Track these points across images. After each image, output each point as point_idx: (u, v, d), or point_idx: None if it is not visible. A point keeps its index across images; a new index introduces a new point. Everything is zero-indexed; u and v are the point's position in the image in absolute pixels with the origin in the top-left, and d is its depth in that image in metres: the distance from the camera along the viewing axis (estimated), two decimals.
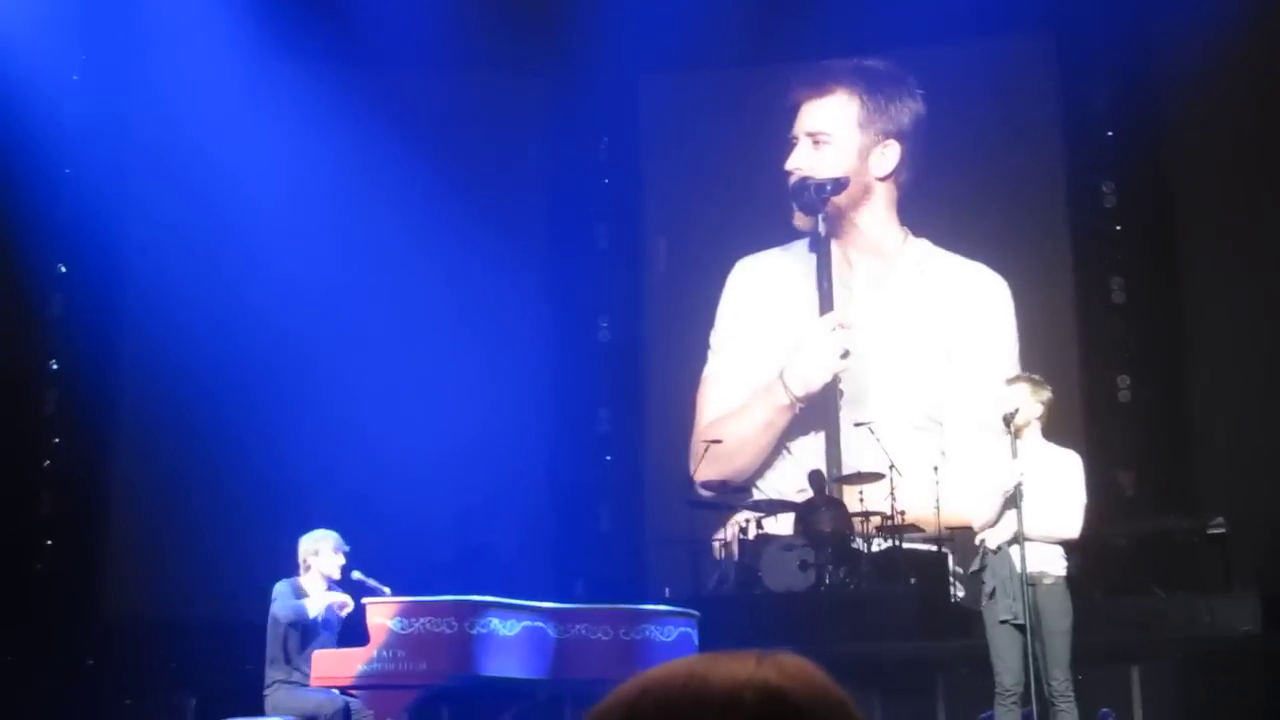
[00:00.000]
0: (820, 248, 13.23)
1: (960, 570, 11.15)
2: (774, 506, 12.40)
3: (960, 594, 11.47)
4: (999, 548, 8.79)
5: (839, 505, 12.18)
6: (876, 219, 13.40)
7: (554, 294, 13.77)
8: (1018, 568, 8.72)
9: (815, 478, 12.29)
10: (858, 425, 12.61)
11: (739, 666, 1.40)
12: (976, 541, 8.90)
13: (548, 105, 13.73)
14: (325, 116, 12.44)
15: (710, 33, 13.00)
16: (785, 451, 13.38)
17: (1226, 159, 12.17)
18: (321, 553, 9.35)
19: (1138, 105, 12.48)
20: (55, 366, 12.36)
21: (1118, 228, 12.61)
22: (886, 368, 13.11)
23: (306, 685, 9.04)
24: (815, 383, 13.31)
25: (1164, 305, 12.50)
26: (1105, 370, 12.47)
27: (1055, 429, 9.41)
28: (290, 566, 9.76)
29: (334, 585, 9.40)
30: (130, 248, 12.21)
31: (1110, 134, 12.63)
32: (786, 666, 1.41)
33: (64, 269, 12.33)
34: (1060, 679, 8.61)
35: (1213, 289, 12.26)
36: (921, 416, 13.01)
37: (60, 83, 11.97)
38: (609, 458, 13.59)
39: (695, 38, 12.97)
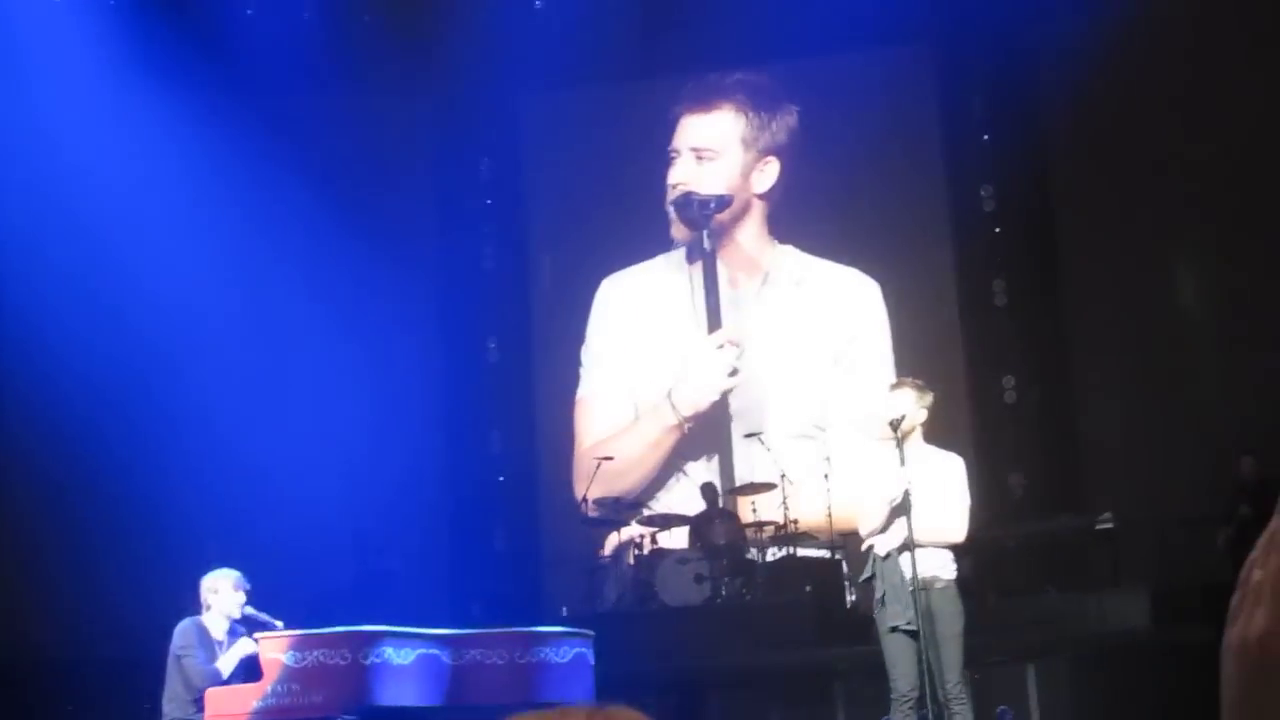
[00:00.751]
0: (706, 264, 13.26)
1: (853, 577, 11.20)
2: (668, 520, 12.40)
3: (853, 598, 11.53)
4: (888, 554, 8.86)
5: (732, 516, 12.20)
6: (752, 234, 13.48)
7: (441, 315, 13.71)
8: (907, 574, 8.78)
9: (707, 490, 12.31)
10: (748, 436, 12.66)
11: None
12: (864, 548, 8.96)
13: (429, 125, 13.68)
14: (204, 137, 12.32)
15: (590, 49, 13.01)
16: (678, 469, 13.39)
17: (1102, 159, 12.35)
18: (221, 591, 9.28)
19: (1014, 109, 12.63)
20: None
21: (997, 230, 12.75)
22: (772, 380, 13.16)
23: None
24: (704, 402, 13.34)
25: (1046, 306, 12.65)
26: (990, 372, 12.59)
27: (942, 432, 9.49)
28: (185, 599, 9.68)
29: (234, 623, 9.33)
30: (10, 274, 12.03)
31: (987, 138, 12.77)
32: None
33: None
34: (954, 682, 8.68)
35: (1093, 288, 12.43)
36: (808, 425, 13.08)
37: None
38: (501, 478, 13.55)
39: (575, 54, 12.98)
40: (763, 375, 13.18)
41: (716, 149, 13.42)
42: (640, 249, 13.78)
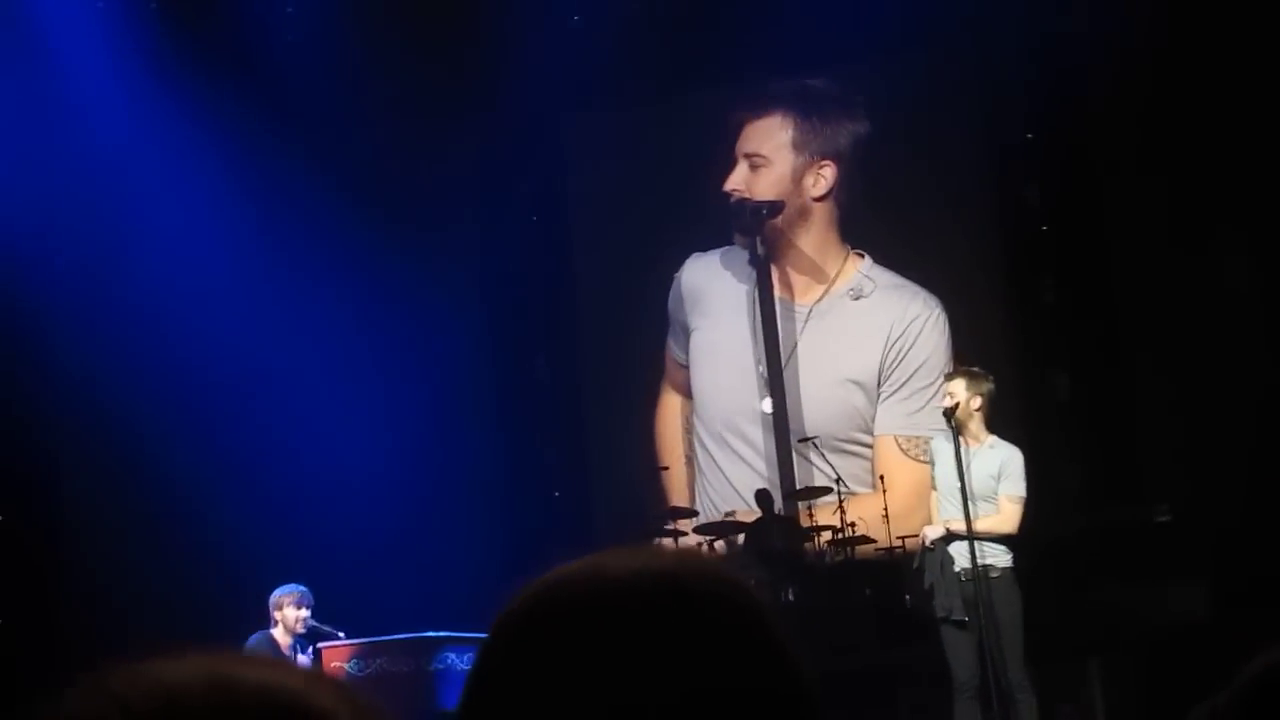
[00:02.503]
0: (759, 269, 13.25)
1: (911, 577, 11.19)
2: (724, 528, 12.41)
3: (909, 597, 11.52)
4: (934, 544, 8.88)
5: (790, 522, 12.21)
6: (815, 240, 13.44)
7: (490, 332, 13.76)
8: (955, 564, 8.80)
9: (763, 496, 12.31)
10: (802, 441, 12.65)
11: (638, 556, 1.43)
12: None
13: (472, 142, 13.70)
14: (244, 150, 12.41)
15: (632, 63, 13.07)
16: (720, 473, 13.36)
17: (1150, 152, 12.31)
18: (285, 608, 9.49)
19: (1059, 106, 12.61)
20: None
21: (1044, 227, 12.73)
22: (818, 394, 13.10)
23: None
24: (740, 419, 13.31)
25: (1096, 300, 12.61)
26: (1042, 368, 12.56)
27: (996, 430, 9.50)
28: (254, 613, 9.80)
29: (297, 638, 9.48)
30: (49, 297, 12.14)
31: (1031, 136, 12.76)
32: (686, 555, 1.44)
33: None
34: (1016, 672, 8.69)
35: (1144, 281, 12.39)
36: (857, 437, 13.04)
37: None
38: (557, 494, 13.59)
39: (619, 68, 13.03)
40: (809, 388, 13.12)
41: (767, 154, 13.44)
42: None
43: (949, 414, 8.92)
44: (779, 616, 1.46)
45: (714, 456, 13.38)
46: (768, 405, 13.01)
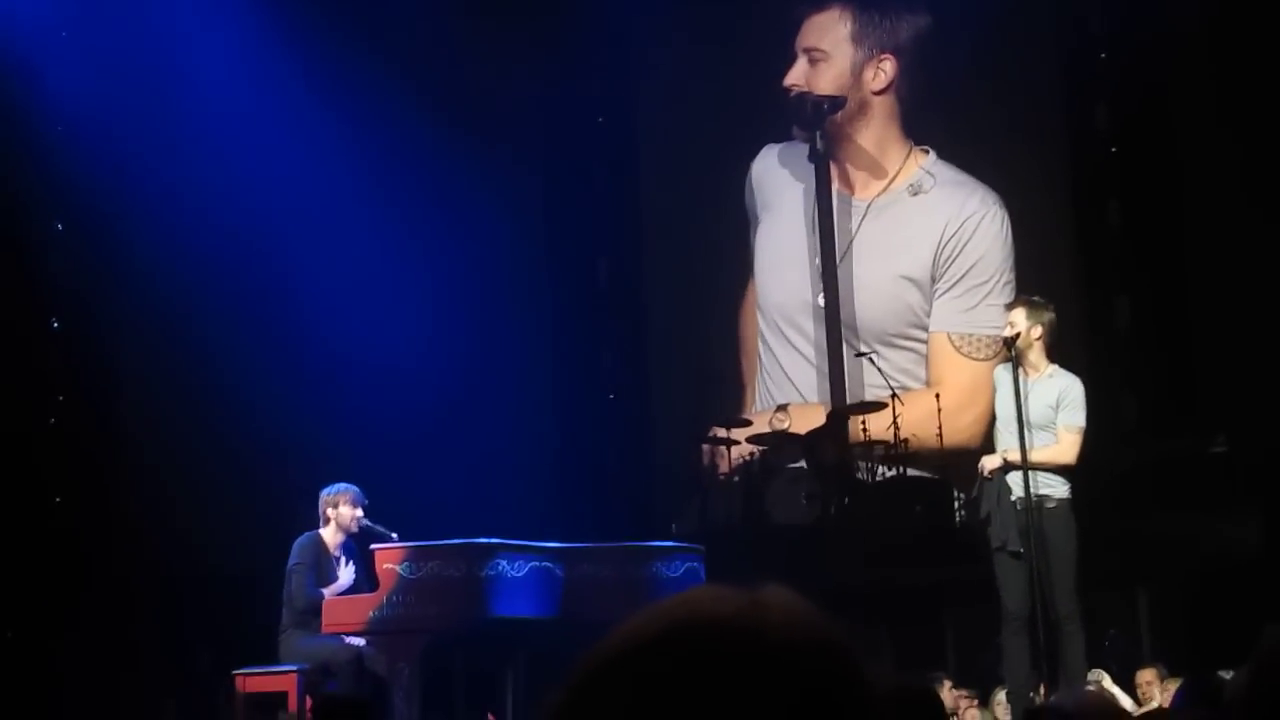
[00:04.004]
0: (818, 165, 13.15)
1: (962, 496, 11.20)
2: (778, 439, 12.41)
3: (961, 515, 11.53)
4: (992, 474, 8.85)
5: (842, 436, 12.20)
6: (876, 135, 13.33)
7: (551, 235, 13.75)
8: (1011, 494, 8.77)
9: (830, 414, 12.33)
10: (859, 355, 12.62)
11: (728, 605, 1.41)
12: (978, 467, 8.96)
13: (539, 48, 13.63)
14: (318, 56, 12.41)
15: None
16: (778, 365, 13.36)
17: (1224, 78, 12.12)
18: (340, 506, 9.54)
19: (1133, 27, 12.41)
20: (56, 325, 12.38)
21: (1113, 150, 12.57)
22: (878, 287, 13.05)
23: (319, 632, 9.14)
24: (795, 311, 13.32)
25: (1161, 227, 12.47)
26: (1103, 293, 12.47)
27: (1056, 354, 9.44)
28: (305, 512, 9.87)
29: (348, 537, 9.55)
30: (124, 204, 12.19)
31: (1103, 55, 12.57)
32: (773, 603, 1.42)
33: (61, 227, 12.33)
34: (1066, 603, 8.68)
35: (1211, 209, 12.24)
36: (912, 333, 12.98)
37: (50, 43, 11.97)
38: (612, 396, 13.61)
39: None
40: (864, 284, 13.07)
41: (826, 49, 13.31)
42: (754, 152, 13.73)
43: (1009, 343, 8.85)
44: (867, 668, 1.44)
45: (772, 349, 13.40)
46: (822, 299, 12.97)
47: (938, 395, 12.09)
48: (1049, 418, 8.84)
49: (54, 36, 12.08)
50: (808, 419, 12.54)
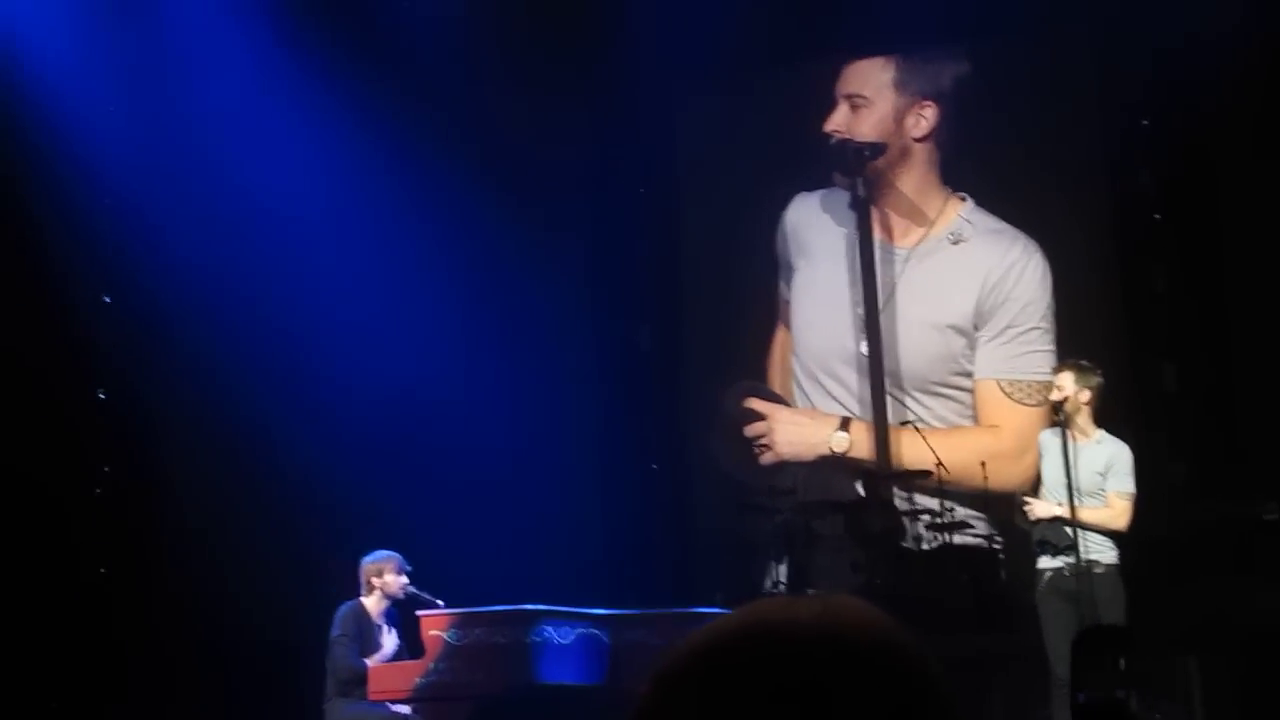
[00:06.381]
0: (860, 213, 13.14)
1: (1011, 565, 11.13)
2: (824, 509, 12.35)
3: (1004, 575, 11.48)
4: (1037, 521, 8.84)
5: (888, 505, 12.16)
6: (916, 182, 13.31)
7: (595, 304, 13.77)
8: (1060, 558, 8.73)
9: (865, 477, 12.28)
10: (904, 424, 12.56)
11: (802, 609, 1.42)
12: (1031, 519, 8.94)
13: (583, 117, 13.71)
14: (355, 123, 12.53)
15: (744, 37, 12.98)
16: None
17: (1268, 142, 12.09)
18: (385, 574, 9.55)
19: (1177, 93, 12.38)
20: (103, 396, 12.47)
21: (1157, 216, 12.54)
22: (921, 335, 13.00)
23: (364, 700, 9.12)
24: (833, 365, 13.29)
25: (1207, 292, 12.41)
26: (1151, 359, 12.40)
27: (1103, 419, 9.40)
28: (346, 582, 9.86)
29: (390, 606, 9.54)
30: (170, 276, 12.30)
31: (1147, 122, 12.56)
32: (846, 608, 1.43)
33: (108, 299, 12.44)
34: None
35: (1256, 274, 12.19)
36: (956, 379, 12.92)
37: (93, 106, 12.12)
38: (655, 466, 13.59)
39: (729, 43, 12.95)
40: (906, 332, 13.03)
41: (869, 95, 13.33)
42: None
43: (1057, 406, 8.84)
44: (942, 671, 1.45)
45: (810, 397, 13.33)
46: (864, 348, 12.95)
47: (983, 464, 11.95)
48: (1098, 484, 8.82)
49: (102, 111, 12.22)
50: (866, 440, 12.63)
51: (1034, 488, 9.62)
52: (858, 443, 12.82)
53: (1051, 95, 13.04)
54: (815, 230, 13.52)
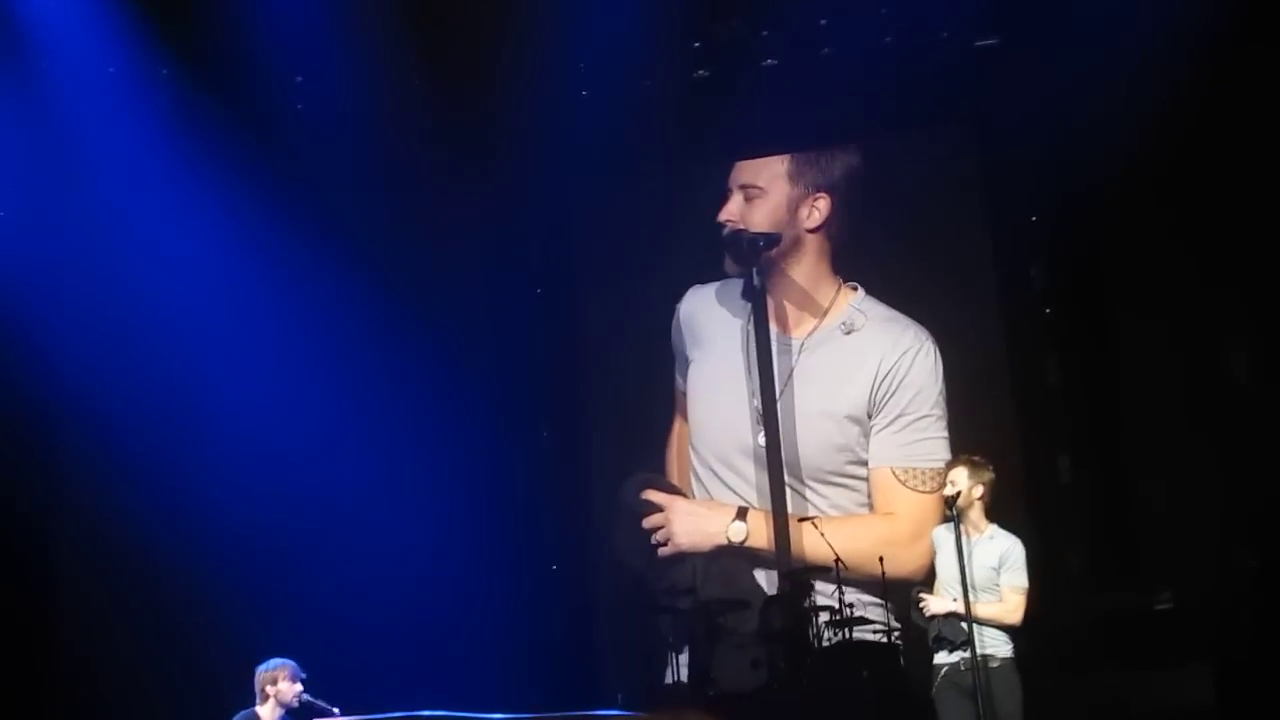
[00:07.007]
0: (755, 304, 13.22)
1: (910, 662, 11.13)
2: (724, 606, 12.33)
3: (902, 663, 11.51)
4: (933, 617, 8.87)
5: (789, 601, 12.13)
6: (808, 272, 13.40)
7: (495, 404, 13.71)
8: (954, 652, 8.75)
9: (765, 573, 12.28)
10: (802, 520, 12.58)
11: None
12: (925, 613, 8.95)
13: (477, 215, 13.72)
14: (251, 224, 12.50)
15: (638, 137, 13.08)
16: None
17: (1154, 237, 12.30)
18: (280, 682, 9.44)
19: (1063, 188, 12.59)
20: None
21: (1047, 310, 12.70)
22: (816, 425, 13.04)
23: None
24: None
25: (1099, 384, 12.56)
26: (1044, 451, 12.52)
27: (997, 512, 9.47)
28: (240, 690, 9.72)
29: (286, 715, 9.43)
30: (52, 382, 12.18)
31: (1034, 218, 12.75)
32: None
33: None
34: None
35: (1147, 366, 12.35)
36: (850, 470, 12.97)
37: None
38: (555, 567, 13.51)
39: (623, 142, 13.03)
40: (803, 422, 13.07)
41: (762, 185, 13.44)
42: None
43: (950, 502, 8.91)
44: None
45: (707, 488, 13.32)
46: (761, 439, 12.97)
47: (881, 559, 11.95)
48: (992, 579, 8.89)
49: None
50: (764, 529, 12.71)
51: (929, 576, 9.66)
52: (755, 532, 12.86)
53: (942, 190, 13.22)
54: (709, 321, 13.58)
